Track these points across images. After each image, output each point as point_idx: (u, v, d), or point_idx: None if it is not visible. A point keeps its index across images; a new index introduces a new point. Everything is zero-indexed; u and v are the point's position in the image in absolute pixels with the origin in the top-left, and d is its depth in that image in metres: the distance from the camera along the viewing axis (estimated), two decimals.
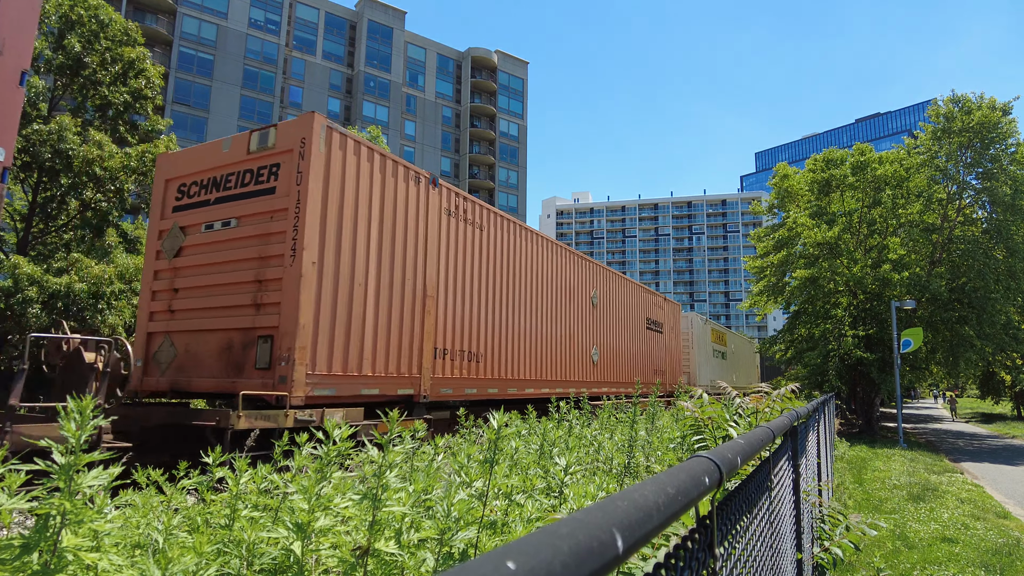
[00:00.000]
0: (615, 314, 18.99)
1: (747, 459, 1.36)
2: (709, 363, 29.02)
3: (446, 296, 10.97)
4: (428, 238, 10.57)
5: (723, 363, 32.00)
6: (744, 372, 38.51)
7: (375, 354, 9.16)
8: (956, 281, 22.71)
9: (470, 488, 2.55)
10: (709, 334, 29.48)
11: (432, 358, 10.41)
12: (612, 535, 0.58)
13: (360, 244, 9.03)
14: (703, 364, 28.08)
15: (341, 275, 8.61)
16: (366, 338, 9.01)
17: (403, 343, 9.75)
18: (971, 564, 7.03)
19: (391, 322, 9.50)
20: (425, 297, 10.38)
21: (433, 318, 10.53)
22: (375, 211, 9.38)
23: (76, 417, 1.92)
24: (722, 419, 5.28)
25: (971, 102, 22.42)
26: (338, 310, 8.55)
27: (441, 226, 10.95)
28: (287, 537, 2.16)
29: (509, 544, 0.49)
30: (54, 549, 1.92)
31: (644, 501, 0.70)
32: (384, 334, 9.37)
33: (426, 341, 10.27)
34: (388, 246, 9.58)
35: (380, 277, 9.37)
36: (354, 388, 8.83)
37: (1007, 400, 42.42)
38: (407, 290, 9.92)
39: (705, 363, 28.35)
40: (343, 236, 8.71)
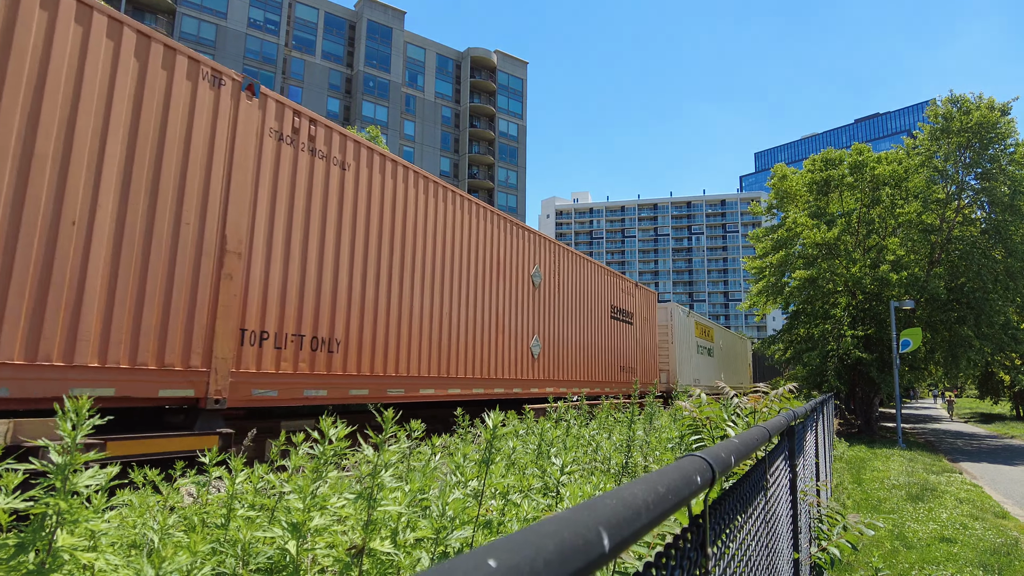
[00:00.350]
0: (567, 298, 15.82)
1: (742, 459, 1.36)
2: (692, 360, 26.16)
3: (270, 255, 7.80)
4: (235, 169, 7.38)
5: (709, 361, 29.11)
6: (735, 371, 35.71)
7: (107, 334, 6.06)
8: (955, 281, 22.72)
9: (466, 488, 2.55)
10: (692, 328, 26.67)
11: (236, 344, 7.30)
12: (598, 533, 0.58)
13: (81, 161, 5.95)
14: (685, 361, 25.14)
15: (27, 206, 5.55)
16: (85, 310, 5.90)
17: (171, 320, 6.64)
18: (969, 564, 7.03)
19: (146, 287, 6.42)
20: (223, 253, 7.19)
21: (240, 285, 7.37)
22: (121, 117, 6.28)
23: (72, 416, 1.92)
24: (720, 419, 5.28)
25: (970, 102, 22.43)
26: (16, 263, 5.46)
27: (264, 154, 7.76)
28: (282, 537, 2.16)
29: (493, 542, 0.49)
30: (49, 548, 1.92)
31: (633, 500, 0.70)
32: (129, 305, 6.27)
33: (222, 319, 7.11)
34: (145, 173, 6.48)
35: (125, 217, 6.29)
36: (49, 387, 5.60)
37: (1006, 400, 42.46)
38: (184, 241, 6.81)
39: (688, 360, 25.51)
40: (35, 142, 5.63)
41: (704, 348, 28.52)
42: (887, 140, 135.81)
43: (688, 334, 25.88)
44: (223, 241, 7.23)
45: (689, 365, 25.55)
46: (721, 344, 32.43)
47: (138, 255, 6.42)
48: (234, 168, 7.41)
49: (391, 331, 9.69)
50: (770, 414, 5.17)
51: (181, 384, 6.72)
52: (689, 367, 25.49)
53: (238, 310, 7.39)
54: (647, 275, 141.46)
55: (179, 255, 6.80)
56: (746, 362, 40.18)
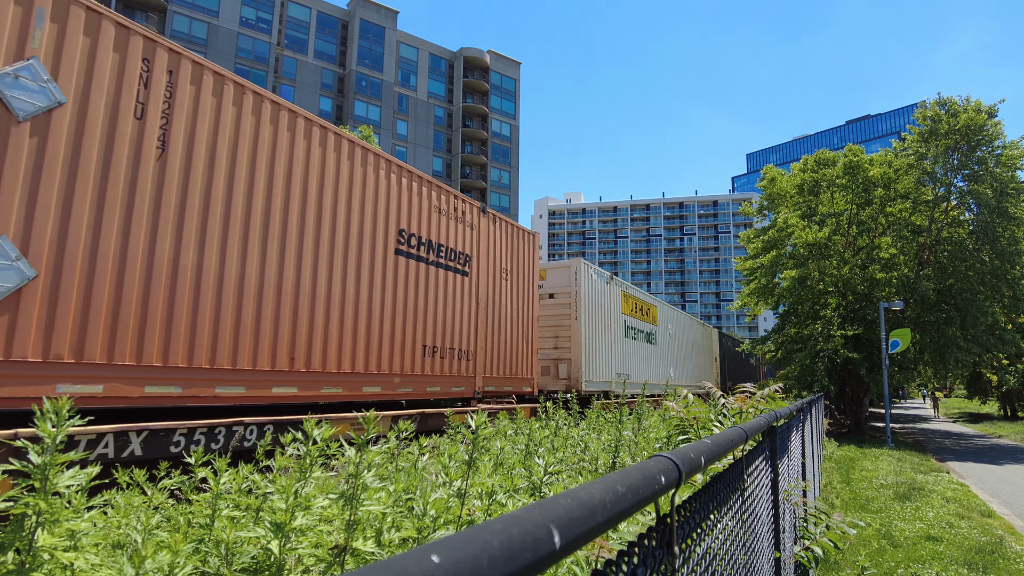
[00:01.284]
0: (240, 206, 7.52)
1: (713, 459, 1.38)
2: (618, 347, 19.00)
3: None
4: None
5: (649, 350, 22.08)
6: (693, 365, 28.33)
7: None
8: (943, 283, 22.91)
9: (450, 488, 2.56)
10: (617, 301, 19.35)
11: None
12: (549, 531, 0.60)
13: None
14: (603, 348, 17.81)
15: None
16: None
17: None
18: (955, 562, 7.10)
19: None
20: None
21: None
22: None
23: (52, 416, 1.92)
24: (707, 419, 5.32)
25: (957, 105, 22.62)
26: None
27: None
28: (265, 536, 2.17)
29: (439, 540, 0.50)
30: (30, 548, 1.92)
31: (589, 499, 0.72)
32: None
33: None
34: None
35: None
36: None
37: (993, 400, 42.85)
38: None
39: (608, 347, 18.19)
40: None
41: (640, 332, 21.19)
42: (878, 142, 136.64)
43: (609, 309, 18.50)
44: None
45: (611, 354, 18.29)
46: (671, 330, 25.06)
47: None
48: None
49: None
50: (756, 414, 5.21)
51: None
52: (611, 357, 18.25)
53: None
54: (639, 275, 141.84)
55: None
56: (711, 356, 33.19)
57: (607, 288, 18.68)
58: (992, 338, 22.34)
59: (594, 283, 17.62)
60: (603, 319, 18.04)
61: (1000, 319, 22.84)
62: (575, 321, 16.36)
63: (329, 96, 65.96)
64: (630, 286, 20.96)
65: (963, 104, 22.54)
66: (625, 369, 19.35)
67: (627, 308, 20.29)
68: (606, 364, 17.88)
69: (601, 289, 18.13)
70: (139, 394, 6.14)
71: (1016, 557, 7.41)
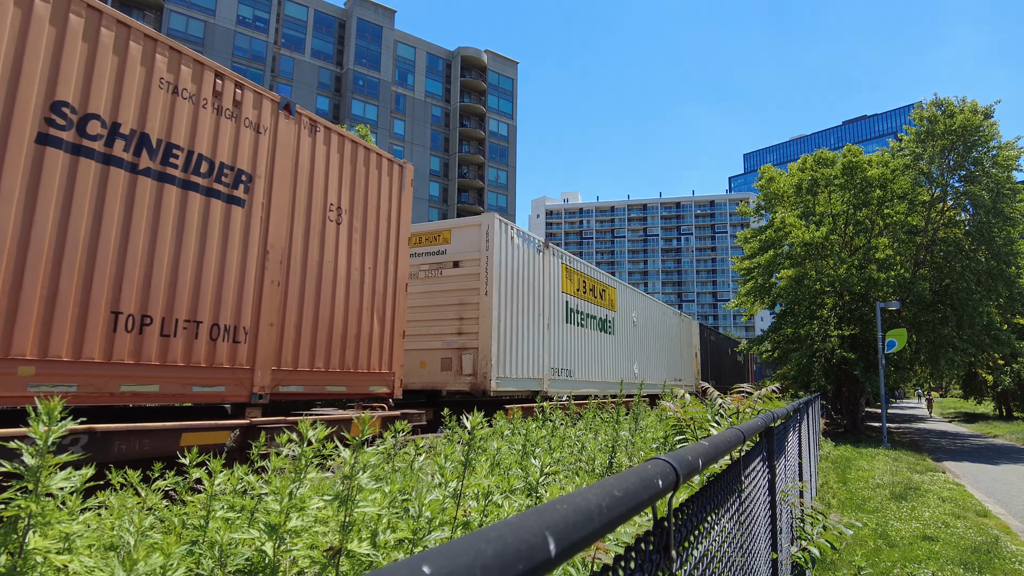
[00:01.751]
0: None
1: (711, 461, 1.37)
2: (556, 336, 14.95)
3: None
4: None
5: (604, 341, 18.19)
6: (660, 361, 23.89)
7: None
8: (940, 283, 22.96)
9: (446, 488, 2.55)
10: (557, 277, 15.20)
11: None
12: (544, 538, 0.59)
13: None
14: (532, 335, 13.82)
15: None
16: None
17: None
18: (951, 562, 7.11)
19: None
20: None
21: None
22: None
23: (44, 418, 1.91)
24: (704, 419, 5.32)
25: (953, 105, 22.66)
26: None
27: None
28: (259, 538, 2.15)
29: (431, 549, 0.49)
30: (21, 550, 1.90)
31: (585, 504, 0.71)
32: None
33: None
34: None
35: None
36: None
37: (989, 400, 42.97)
38: None
39: (539, 334, 14.08)
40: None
41: (590, 318, 17.20)
42: (875, 142, 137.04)
43: (540, 286, 14.32)
44: None
45: (542, 343, 14.17)
46: (635, 318, 21.12)
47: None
48: None
49: None
50: (753, 414, 5.21)
51: None
52: (541, 347, 14.16)
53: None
54: (636, 275, 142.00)
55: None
56: (689, 350, 29.33)
57: (538, 258, 14.35)
58: (988, 338, 22.40)
59: (517, 250, 13.44)
60: (531, 297, 13.81)
61: (996, 319, 22.91)
62: (484, 298, 12.18)
63: (326, 95, 65.89)
64: (576, 259, 16.64)
65: (959, 105, 22.58)
66: (566, 363, 15.32)
67: (570, 286, 16.01)
68: (533, 357, 13.75)
69: (528, 258, 13.90)
70: None
71: (1012, 557, 7.42)
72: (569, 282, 16.07)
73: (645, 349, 22.29)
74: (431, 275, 13.12)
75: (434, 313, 12.86)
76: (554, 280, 15.10)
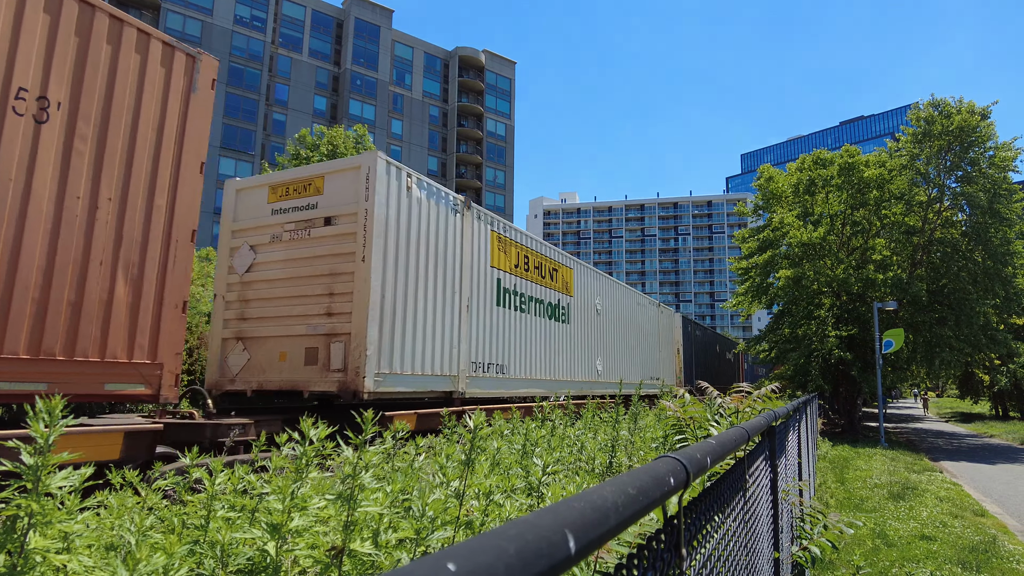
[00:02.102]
0: None
1: (718, 459, 1.37)
2: (482, 321, 11.90)
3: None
4: None
5: (555, 331, 14.88)
6: (632, 358, 20.67)
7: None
8: (936, 283, 23.00)
9: (447, 488, 2.54)
10: (483, 247, 12.17)
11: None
12: (564, 536, 0.58)
13: None
14: (441, 318, 10.62)
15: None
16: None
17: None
18: (948, 561, 7.13)
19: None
20: None
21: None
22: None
23: (45, 417, 1.89)
24: (704, 419, 5.31)
25: (950, 106, 22.70)
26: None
27: None
28: (262, 538, 2.14)
29: (454, 546, 0.48)
30: (21, 550, 1.88)
31: (602, 502, 0.70)
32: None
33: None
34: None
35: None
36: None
37: (985, 400, 43.07)
38: None
39: (451, 318, 10.90)
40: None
41: (534, 302, 13.93)
42: (871, 143, 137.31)
43: (456, 255, 11.20)
44: None
45: (456, 330, 10.96)
46: (599, 306, 17.81)
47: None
48: None
49: None
50: (753, 414, 5.21)
51: None
52: (456, 334, 10.95)
53: None
54: (634, 275, 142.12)
55: None
56: (670, 347, 26.06)
57: (454, 220, 10.94)
58: (985, 338, 22.45)
59: (418, 205, 9.98)
60: (441, 270, 10.48)
61: (993, 319, 22.96)
62: (361, 265, 8.82)
63: (324, 95, 65.80)
64: (517, 229, 13.21)
65: (956, 105, 22.62)
66: (495, 356, 11.99)
67: (505, 261, 12.63)
68: (442, 347, 10.37)
69: (438, 219, 10.50)
70: None
71: (1009, 556, 7.44)
72: (503, 255, 12.55)
73: (612, 343, 18.80)
74: (297, 237, 9.50)
75: (299, 287, 9.31)
76: (479, 250, 11.67)
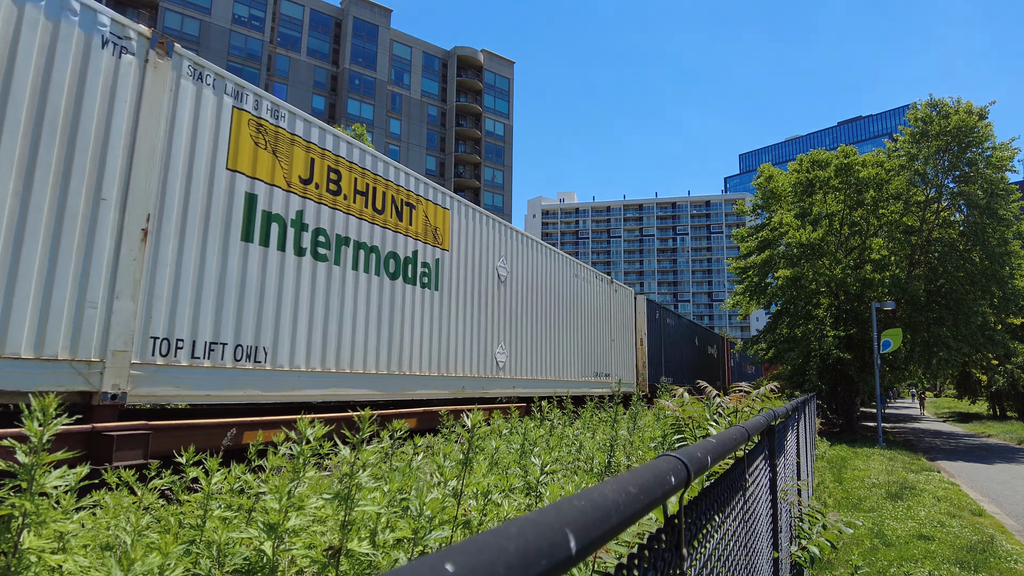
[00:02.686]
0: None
1: (719, 458, 1.35)
2: (200, 263, 6.56)
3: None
4: None
5: (411, 297, 9.91)
6: (569, 348, 15.84)
7: None
8: (934, 283, 23.04)
9: (445, 487, 2.53)
10: (211, 131, 6.79)
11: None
12: (565, 535, 0.57)
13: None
14: (91, 254, 5.50)
15: None
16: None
17: None
18: (946, 561, 7.13)
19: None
20: None
21: None
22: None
23: (39, 415, 1.88)
24: (703, 418, 5.31)
25: (948, 106, 22.72)
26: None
27: None
28: (258, 537, 2.13)
29: (453, 545, 0.47)
30: (15, 550, 1.87)
31: (603, 500, 0.69)
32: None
33: None
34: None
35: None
36: None
37: (983, 400, 43.17)
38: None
39: (113, 254, 5.68)
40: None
41: (361, 249, 8.97)
42: (869, 143, 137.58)
43: (140, 133, 6.01)
44: None
45: (135, 276, 5.88)
46: (502, 271, 12.97)
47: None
48: None
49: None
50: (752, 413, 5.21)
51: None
52: (129, 282, 5.82)
53: None
54: (632, 275, 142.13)
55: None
56: (628, 337, 20.52)
57: (116, 70, 5.92)
58: (982, 338, 22.49)
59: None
60: (71, 156, 5.53)
61: (990, 320, 22.99)
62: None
63: (322, 94, 65.71)
64: (300, 115, 8.01)
65: (954, 106, 22.65)
66: (239, 331, 7.03)
67: (273, 166, 7.66)
68: (61, 305, 5.36)
69: (59, 58, 5.46)
70: None
71: (1007, 556, 7.44)
72: (270, 157, 7.54)
73: (527, 325, 13.70)
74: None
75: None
76: (201, 138, 6.72)
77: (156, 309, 6.14)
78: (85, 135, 5.62)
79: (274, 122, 7.63)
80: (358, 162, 8.98)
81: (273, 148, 7.61)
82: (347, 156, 8.78)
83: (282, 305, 7.55)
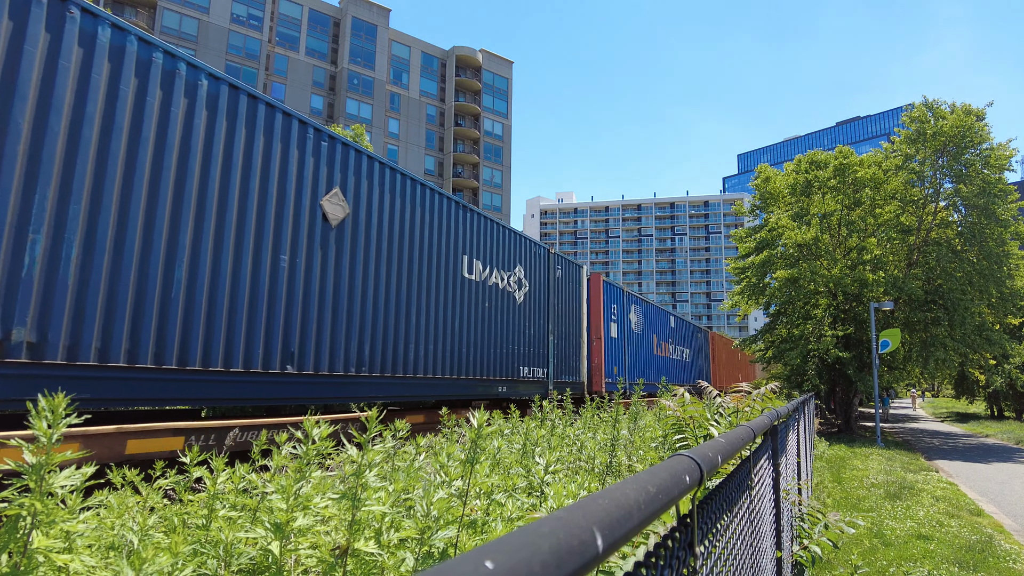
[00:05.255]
0: None
1: (728, 458, 1.37)
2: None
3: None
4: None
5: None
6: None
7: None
8: (932, 283, 23.08)
9: (450, 487, 2.53)
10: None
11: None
12: (592, 534, 0.58)
13: None
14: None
15: None
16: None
17: None
18: (945, 561, 7.14)
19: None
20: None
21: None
22: None
23: (47, 415, 1.88)
24: (704, 418, 5.32)
25: (943, 109, 22.78)
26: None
27: None
28: (265, 537, 2.13)
29: (489, 543, 0.48)
30: (24, 550, 1.87)
31: (625, 500, 0.70)
32: None
33: None
34: None
35: None
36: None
37: (981, 400, 43.28)
38: None
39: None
40: None
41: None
42: (867, 143, 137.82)
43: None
44: None
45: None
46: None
47: None
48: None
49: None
50: (754, 413, 5.22)
51: None
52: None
53: None
54: (631, 275, 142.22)
55: None
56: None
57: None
58: (980, 338, 22.53)
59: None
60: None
61: (988, 320, 23.04)
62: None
63: (321, 94, 65.66)
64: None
65: (950, 107, 22.71)
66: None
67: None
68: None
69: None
70: None
71: (1006, 555, 7.47)
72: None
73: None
74: None
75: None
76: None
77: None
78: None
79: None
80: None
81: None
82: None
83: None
